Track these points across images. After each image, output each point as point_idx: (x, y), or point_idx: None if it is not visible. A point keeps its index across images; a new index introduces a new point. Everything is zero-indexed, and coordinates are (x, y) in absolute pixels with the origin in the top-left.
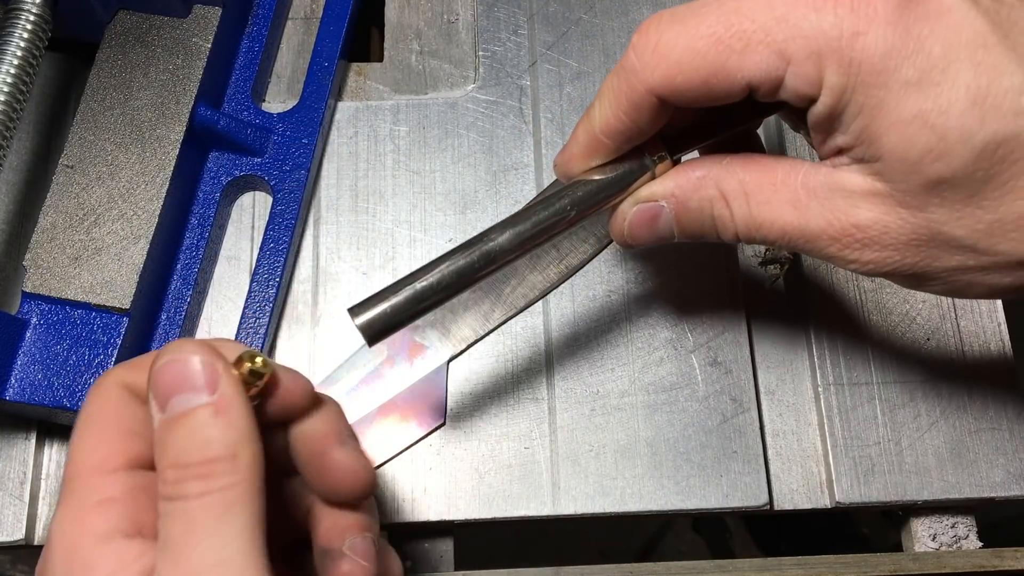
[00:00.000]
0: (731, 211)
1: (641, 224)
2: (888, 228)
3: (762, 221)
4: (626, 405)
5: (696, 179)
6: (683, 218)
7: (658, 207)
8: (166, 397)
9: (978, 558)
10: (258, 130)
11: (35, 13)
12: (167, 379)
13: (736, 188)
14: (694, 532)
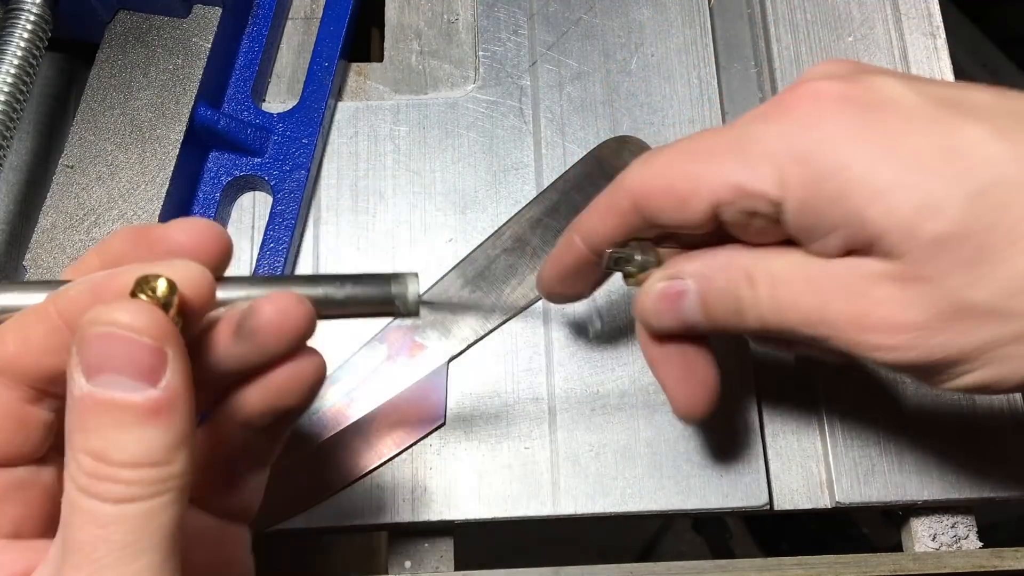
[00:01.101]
0: (756, 293)
1: (666, 302)
2: (909, 304)
3: (783, 304)
4: (626, 405)
5: (724, 259)
6: (709, 298)
7: (683, 285)
8: (96, 370)
9: (978, 558)
10: (258, 130)
11: (35, 13)
12: (100, 353)
13: (764, 271)
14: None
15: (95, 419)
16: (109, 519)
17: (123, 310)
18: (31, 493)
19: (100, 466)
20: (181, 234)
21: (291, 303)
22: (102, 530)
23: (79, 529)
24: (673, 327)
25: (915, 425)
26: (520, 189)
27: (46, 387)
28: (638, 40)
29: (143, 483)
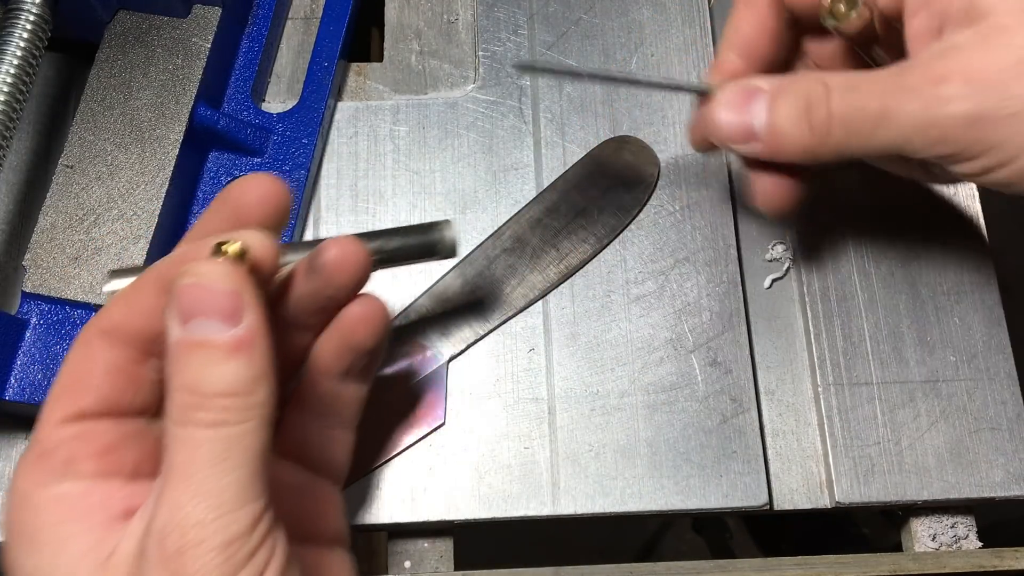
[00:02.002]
0: (827, 87)
1: (734, 104)
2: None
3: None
4: (626, 405)
5: (800, 74)
6: (778, 105)
7: (757, 88)
8: (187, 316)
9: (978, 558)
10: (258, 130)
11: (35, 13)
12: (189, 301)
13: (839, 77)
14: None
15: (187, 358)
16: (202, 441)
17: (206, 263)
18: (145, 442)
19: (193, 398)
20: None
21: (350, 241)
22: (196, 451)
23: (176, 453)
24: (736, 132)
25: (915, 425)
26: (520, 189)
27: (149, 348)
28: (638, 40)
29: (230, 410)
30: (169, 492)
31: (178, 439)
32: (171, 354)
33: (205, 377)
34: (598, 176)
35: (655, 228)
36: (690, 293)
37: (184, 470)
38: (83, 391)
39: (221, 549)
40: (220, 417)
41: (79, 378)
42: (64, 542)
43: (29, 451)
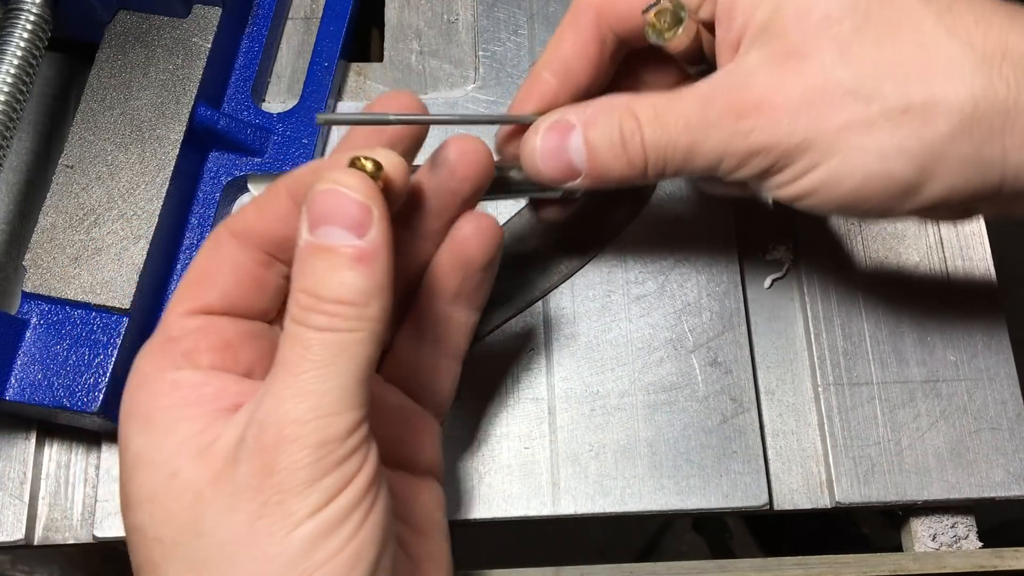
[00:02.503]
0: (639, 122)
1: (551, 144)
2: (781, 84)
3: (667, 120)
4: (626, 405)
5: (607, 100)
6: (591, 135)
7: (568, 124)
8: (317, 222)
9: (978, 558)
10: (258, 130)
11: (35, 13)
12: (322, 207)
13: (645, 102)
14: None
15: (312, 262)
16: (313, 342)
17: (343, 172)
18: (263, 344)
19: (311, 300)
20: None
21: (473, 139)
22: (306, 351)
23: (288, 350)
24: (558, 173)
25: (915, 425)
26: None
27: (276, 252)
28: None
29: (343, 317)
30: (274, 387)
31: (291, 337)
32: (298, 256)
33: (325, 282)
34: None
35: (655, 228)
36: (690, 293)
37: (291, 368)
38: (209, 287)
39: (314, 448)
40: (333, 323)
41: (207, 274)
42: (173, 425)
43: (154, 337)
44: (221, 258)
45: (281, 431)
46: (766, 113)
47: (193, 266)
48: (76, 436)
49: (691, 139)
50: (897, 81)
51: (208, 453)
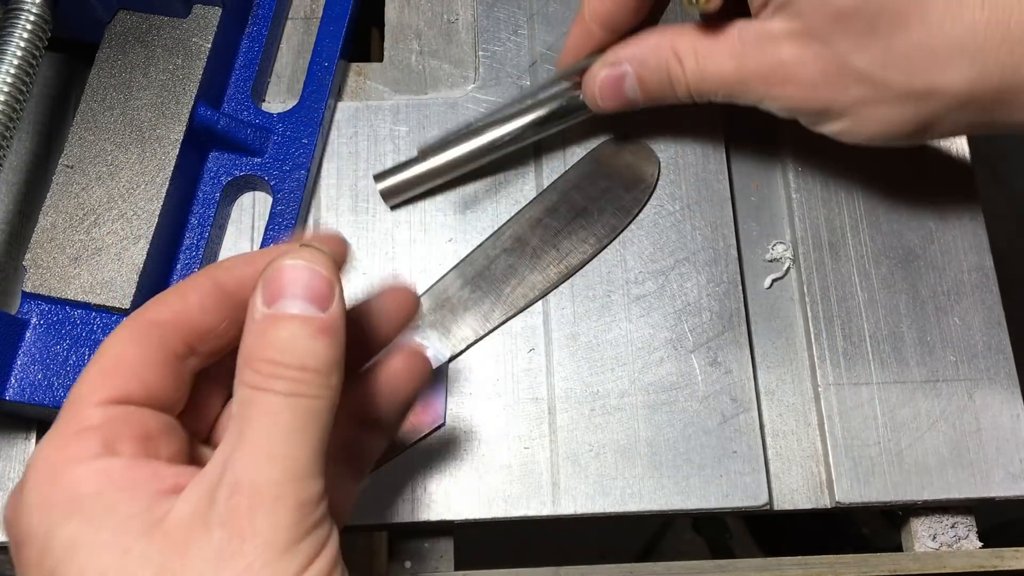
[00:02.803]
0: (683, 67)
1: (609, 86)
2: (804, 61)
3: (707, 71)
4: (626, 405)
5: (654, 43)
6: (644, 78)
7: (622, 71)
8: (278, 295)
9: (978, 558)
10: (258, 130)
11: (35, 13)
12: (287, 280)
13: (687, 47)
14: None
15: (274, 332)
16: (280, 408)
17: (306, 250)
18: (179, 437)
19: (276, 368)
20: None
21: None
22: (275, 416)
23: (254, 420)
24: (618, 108)
25: (915, 425)
26: (520, 189)
27: (196, 343)
28: None
29: (308, 383)
30: (243, 452)
31: (253, 404)
32: (253, 328)
33: (291, 350)
34: (598, 176)
35: (655, 228)
36: (690, 293)
37: (261, 433)
38: (129, 377)
39: (293, 510)
40: (299, 388)
41: (126, 364)
42: (111, 507)
43: (63, 427)
44: (142, 347)
45: (257, 493)
46: (792, 85)
47: (106, 353)
48: None
49: (729, 92)
50: (901, 71)
51: (160, 528)
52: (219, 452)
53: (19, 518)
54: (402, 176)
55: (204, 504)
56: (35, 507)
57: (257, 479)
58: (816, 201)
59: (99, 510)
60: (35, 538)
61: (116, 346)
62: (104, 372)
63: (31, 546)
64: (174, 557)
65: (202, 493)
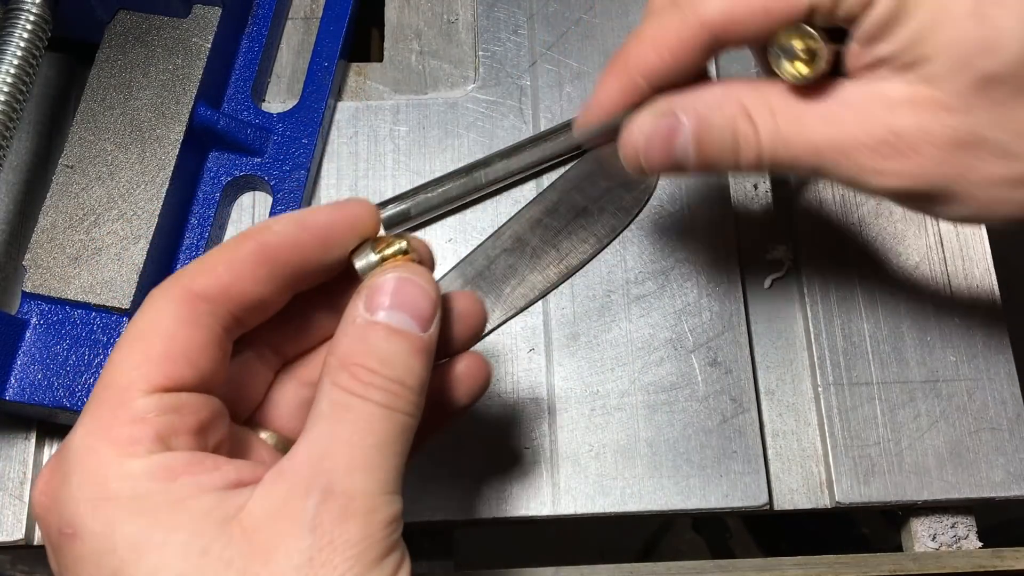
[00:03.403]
0: (755, 127)
1: (658, 139)
2: (929, 133)
3: (790, 136)
4: (626, 405)
5: (719, 93)
6: (702, 136)
7: (677, 122)
8: (385, 306)
9: (978, 558)
10: (258, 130)
11: (35, 13)
12: (397, 293)
13: (761, 104)
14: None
15: (376, 342)
16: (379, 418)
17: (419, 269)
18: (224, 421)
19: (374, 377)
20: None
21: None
22: (371, 426)
23: (350, 425)
24: (662, 168)
25: (915, 425)
26: (520, 189)
27: (245, 316)
28: None
29: (404, 399)
30: (340, 457)
31: (352, 409)
32: (354, 332)
33: (392, 362)
34: (598, 176)
35: (655, 228)
36: (690, 293)
37: (358, 441)
38: (182, 363)
39: (384, 524)
40: (395, 403)
41: (177, 348)
42: (178, 506)
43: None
44: (194, 329)
45: (351, 502)
46: (910, 160)
47: (152, 334)
48: None
49: (818, 162)
50: None
51: (237, 527)
52: (303, 451)
53: (64, 511)
54: (403, 206)
55: (289, 506)
56: (86, 501)
57: (351, 488)
58: (816, 201)
59: (167, 508)
60: (91, 535)
61: (163, 324)
62: (154, 357)
63: (84, 542)
64: (256, 560)
65: (284, 493)
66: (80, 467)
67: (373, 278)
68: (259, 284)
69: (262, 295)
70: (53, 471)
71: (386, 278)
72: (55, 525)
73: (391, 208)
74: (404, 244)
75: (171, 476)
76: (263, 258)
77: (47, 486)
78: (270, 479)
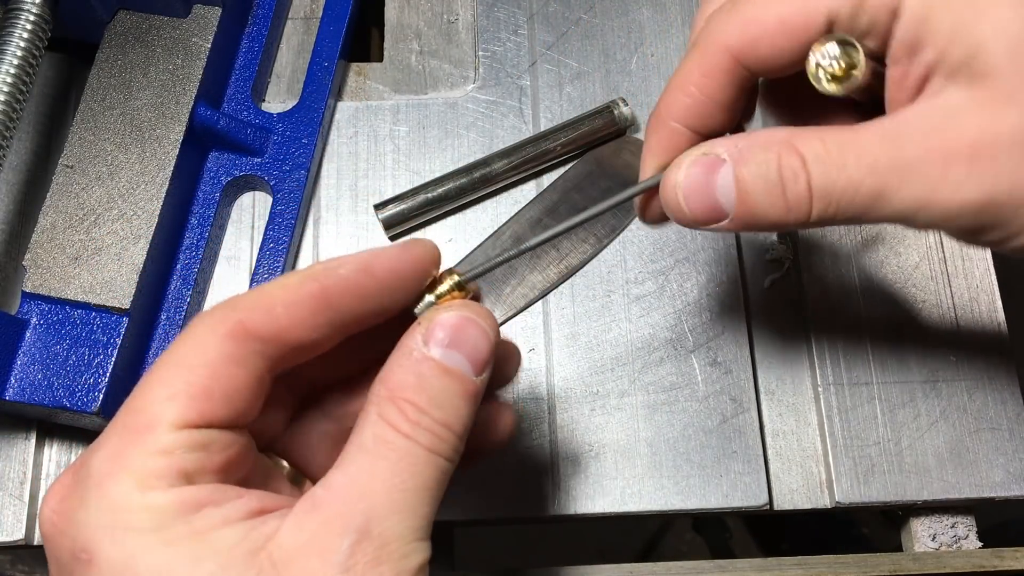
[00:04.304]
0: (802, 157)
1: (696, 178)
2: (998, 129)
3: (844, 158)
4: (626, 405)
5: (764, 133)
6: (744, 173)
7: (717, 160)
8: (444, 344)
9: (978, 558)
10: (258, 130)
11: (35, 13)
12: (458, 332)
13: (809, 135)
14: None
15: (429, 378)
16: (423, 463)
17: (484, 311)
18: (250, 456)
19: (422, 417)
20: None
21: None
22: (414, 469)
23: (394, 464)
24: (704, 213)
25: (915, 425)
26: (520, 189)
27: (291, 358)
28: (638, 40)
29: (447, 444)
30: (380, 498)
31: (396, 449)
32: (410, 365)
33: (442, 403)
34: (598, 176)
35: (655, 228)
36: (690, 293)
37: (399, 484)
38: (220, 403)
39: (414, 571)
40: (440, 448)
41: (218, 387)
42: (204, 538)
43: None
44: (240, 369)
45: (386, 546)
46: (985, 159)
47: (197, 366)
48: (76, 436)
49: (880, 183)
50: None
51: (267, 559)
52: (341, 485)
53: (79, 535)
54: (403, 206)
55: (321, 541)
56: (105, 528)
57: (388, 532)
58: None
59: (191, 539)
60: (109, 563)
61: (207, 357)
62: (191, 392)
63: (102, 570)
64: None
65: (317, 527)
66: (99, 492)
67: (437, 312)
68: (316, 330)
69: (316, 340)
70: (69, 489)
71: (449, 315)
72: (68, 548)
73: (391, 208)
74: (457, 279)
75: (194, 508)
76: (324, 304)
77: (61, 505)
78: (303, 510)
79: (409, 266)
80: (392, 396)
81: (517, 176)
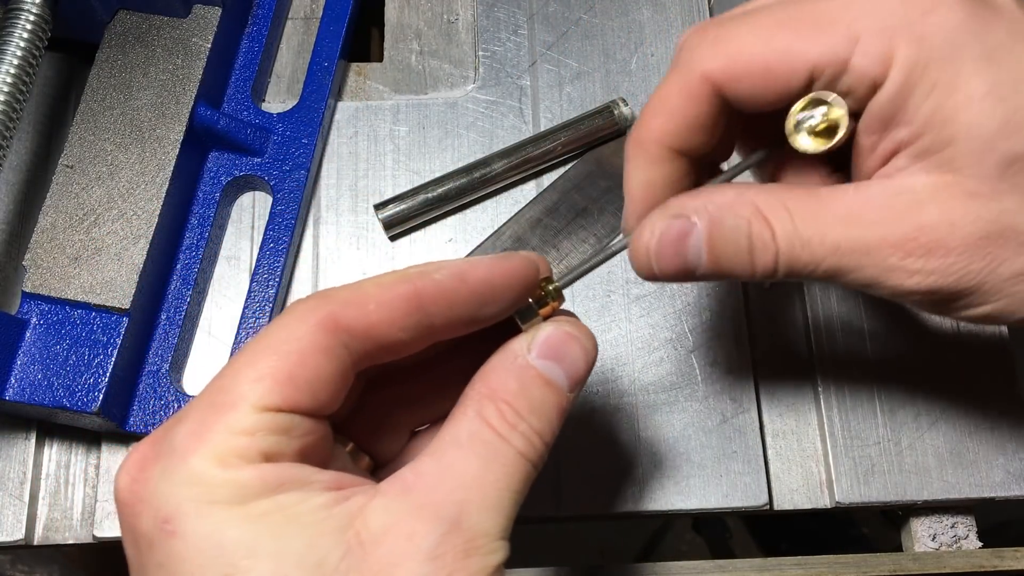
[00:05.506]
0: (772, 229)
1: (669, 244)
2: (956, 224)
3: (810, 236)
4: (626, 405)
5: (732, 195)
6: (715, 239)
7: (688, 224)
8: (550, 356)
9: (978, 558)
10: (258, 130)
11: (35, 13)
12: (565, 347)
13: (776, 205)
14: (694, 532)
15: (532, 386)
16: (516, 465)
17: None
18: (328, 444)
19: (520, 421)
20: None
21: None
22: (508, 470)
23: (490, 463)
24: (674, 273)
25: (915, 425)
26: (520, 189)
27: (378, 355)
28: (638, 40)
29: (537, 452)
30: (474, 493)
31: (492, 448)
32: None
33: (539, 412)
34: (598, 176)
35: None
36: (690, 293)
37: (493, 481)
38: (305, 391)
39: (496, 569)
40: (529, 452)
41: (304, 376)
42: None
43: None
44: (328, 361)
45: (475, 539)
46: (938, 256)
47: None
48: (76, 436)
49: (841, 263)
50: None
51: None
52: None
53: (163, 506)
54: (403, 206)
55: (409, 526)
56: (190, 501)
57: (478, 526)
58: None
59: (277, 516)
60: (194, 535)
61: (298, 345)
62: (278, 377)
63: (187, 541)
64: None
65: (407, 511)
66: (183, 465)
67: (543, 324)
68: (406, 331)
69: (405, 341)
70: (150, 460)
71: (556, 329)
72: (150, 517)
73: (391, 208)
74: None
75: (277, 485)
76: (416, 306)
77: (142, 474)
78: (394, 492)
79: (503, 280)
80: (492, 396)
81: (517, 176)
